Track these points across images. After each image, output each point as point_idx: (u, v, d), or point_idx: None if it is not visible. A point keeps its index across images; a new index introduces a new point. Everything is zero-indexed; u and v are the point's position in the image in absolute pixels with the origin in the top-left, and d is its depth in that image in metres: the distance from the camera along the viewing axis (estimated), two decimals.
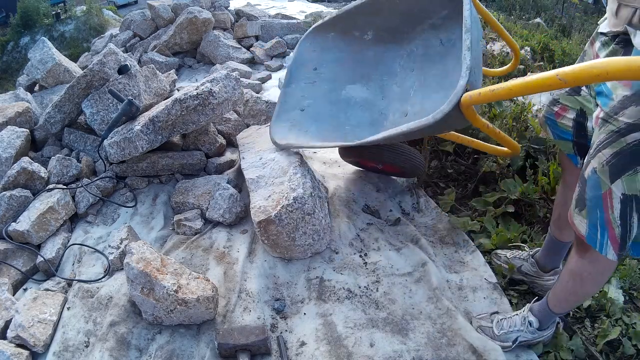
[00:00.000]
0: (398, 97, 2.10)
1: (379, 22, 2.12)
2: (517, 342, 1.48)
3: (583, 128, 1.31)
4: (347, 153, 2.25)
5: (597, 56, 1.20)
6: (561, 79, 1.02)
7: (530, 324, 1.46)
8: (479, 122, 1.46)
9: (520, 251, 1.78)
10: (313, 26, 2.24)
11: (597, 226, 1.15)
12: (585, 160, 1.17)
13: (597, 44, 1.20)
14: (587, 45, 1.29)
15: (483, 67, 1.91)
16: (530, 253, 1.72)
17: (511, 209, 1.98)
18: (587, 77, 0.98)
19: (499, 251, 1.84)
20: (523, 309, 1.52)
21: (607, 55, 1.15)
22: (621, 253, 1.15)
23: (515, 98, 2.67)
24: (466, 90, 1.37)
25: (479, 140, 1.80)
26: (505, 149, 1.70)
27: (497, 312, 1.59)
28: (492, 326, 1.53)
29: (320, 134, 2.11)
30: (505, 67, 1.93)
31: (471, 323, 1.57)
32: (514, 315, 1.52)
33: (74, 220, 2.15)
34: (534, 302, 1.51)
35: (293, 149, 2.06)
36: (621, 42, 1.09)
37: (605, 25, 1.17)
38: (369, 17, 2.11)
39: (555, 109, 1.41)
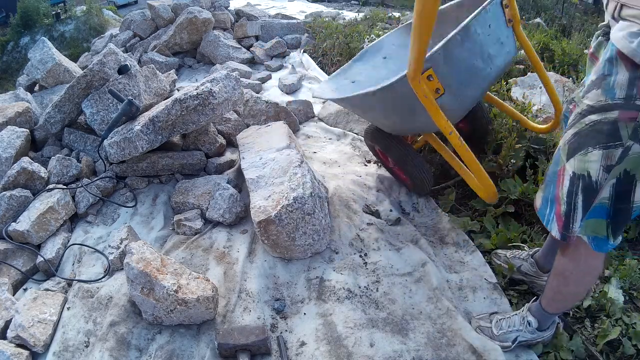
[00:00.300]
0: None
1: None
2: (516, 342, 1.47)
3: None
4: (373, 136, 2.22)
5: (589, 49, 1.23)
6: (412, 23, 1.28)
7: (529, 323, 1.46)
8: (439, 118, 1.52)
9: (520, 251, 1.78)
10: (405, 23, 2.37)
11: (547, 201, 1.19)
12: None
13: (593, 38, 1.24)
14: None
15: (529, 120, 1.94)
16: (530, 253, 1.72)
17: (511, 209, 1.98)
18: (417, 21, 1.22)
19: (499, 251, 1.84)
20: (522, 308, 1.52)
21: (596, 47, 1.19)
22: (565, 233, 1.17)
23: (515, 98, 2.67)
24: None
25: (465, 169, 1.80)
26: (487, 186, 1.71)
27: (496, 312, 1.59)
28: (491, 326, 1.53)
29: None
30: (546, 126, 2.00)
31: (470, 323, 1.57)
32: (513, 315, 1.51)
33: (74, 220, 2.15)
34: (532, 302, 1.51)
35: (322, 99, 2.24)
36: (607, 34, 1.12)
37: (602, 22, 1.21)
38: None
39: (570, 106, 1.42)
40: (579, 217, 1.14)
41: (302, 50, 4.31)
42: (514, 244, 1.87)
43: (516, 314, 1.51)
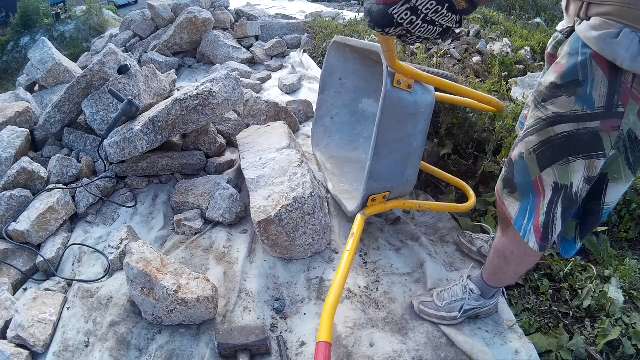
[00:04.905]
0: None
1: None
2: (463, 311, 1.48)
3: None
4: None
5: (546, 50, 1.20)
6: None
7: (471, 291, 1.47)
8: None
9: (485, 234, 1.85)
10: (334, 38, 2.32)
11: (526, 211, 1.14)
12: (515, 142, 1.17)
13: (549, 40, 1.21)
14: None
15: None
16: (492, 236, 1.77)
17: None
18: None
19: (466, 232, 1.91)
20: (461, 277, 1.54)
21: (554, 46, 1.16)
22: (544, 244, 1.14)
23: (515, 98, 2.66)
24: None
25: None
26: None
27: (435, 287, 1.62)
28: (434, 299, 1.54)
29: (341, 144, 2.45)
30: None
31: (413, 307, 1.59)
32: (453, 286, 1.53)
33: (74, 220, 2.15)
34: (472, 268, 1.57)
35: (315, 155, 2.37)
36: (568, 34, 1.09)
37: (560, 25, 1.18)
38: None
39: (525, 111, 1.40)
40: (557, 229, 1.11)
41: (302, 50, 4.31)
42: (480, 223, 1.94)
43: (456, 285, 1.53)
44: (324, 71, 2.43)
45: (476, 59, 3.21)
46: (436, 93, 2.05)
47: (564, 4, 1.08)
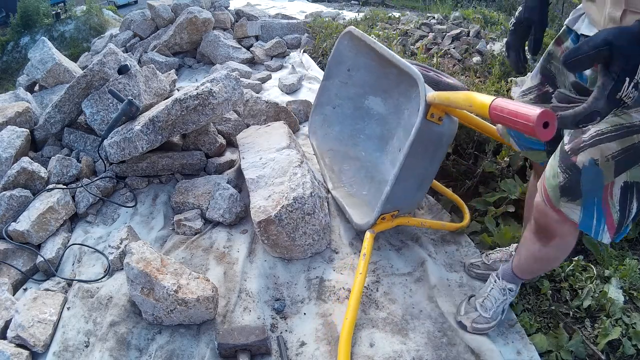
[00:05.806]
0: (404, 123, 2.17)
1: None
2: (502, 311, 1.52)
3: (558, 136, 1.20)
4: None
5: None
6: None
7: (510, 290, 1.50)
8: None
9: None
10: (349, 28, 2.21)
11: (592, 212, 1.13)
12: (569, 146, 1.12)
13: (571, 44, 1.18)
14: (551, 45, 1.26)
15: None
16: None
17: (511, 209, 1.98)
18: None
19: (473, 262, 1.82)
20: (492, 280, 1.54)
21: None
22: (617, 237, 1.16)
23: (515, 98, 2.66)
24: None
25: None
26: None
27: (471, 296, 1.61)
28: (480, 313, 1.53)
29: (340, 137, 2.40)
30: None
31: (464, 328, 1.53)
32: (490, 290, 1.53)
33: (74, 220, 2.15)
34: (502, 266, 1.54)
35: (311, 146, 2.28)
36: None
37: (587, 26, 1.12)
38: None
39: (515, 88, 1.37)
40: (630, 221, 1.14)
41: (302, 50, 4.31)
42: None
43: (492, 288, 1.53)
44: (331, 58, 2.34)
45: (476, 59, 3.21)
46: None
47: (616, 13, 1.00)
